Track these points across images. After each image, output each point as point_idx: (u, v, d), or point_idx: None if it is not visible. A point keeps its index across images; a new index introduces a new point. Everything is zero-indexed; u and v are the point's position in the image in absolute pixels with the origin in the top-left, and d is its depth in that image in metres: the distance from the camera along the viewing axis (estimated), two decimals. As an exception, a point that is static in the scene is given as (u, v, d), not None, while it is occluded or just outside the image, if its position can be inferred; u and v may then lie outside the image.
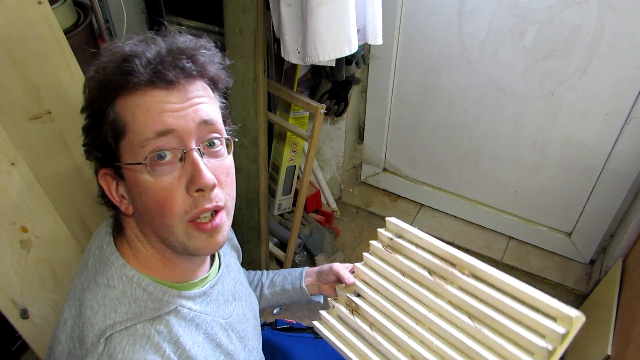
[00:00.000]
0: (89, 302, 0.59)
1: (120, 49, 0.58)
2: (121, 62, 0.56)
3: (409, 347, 0.75)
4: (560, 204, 1.66)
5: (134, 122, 0.56)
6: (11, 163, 0.90)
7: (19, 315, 0.99)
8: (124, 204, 0.61)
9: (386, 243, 0.87)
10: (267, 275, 0.97)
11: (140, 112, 0.56)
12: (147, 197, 0.57)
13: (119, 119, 0.57)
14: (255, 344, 0.79)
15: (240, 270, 0.84)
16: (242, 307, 0.77)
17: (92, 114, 0.59)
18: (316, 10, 1.02)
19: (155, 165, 0.56)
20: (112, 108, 0.57)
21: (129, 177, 0.58)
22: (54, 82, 0.93)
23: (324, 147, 1.93)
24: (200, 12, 1.62)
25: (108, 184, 0.61)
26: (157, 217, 0.58)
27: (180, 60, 0.57)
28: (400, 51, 1.64)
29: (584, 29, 1.31)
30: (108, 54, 0.58)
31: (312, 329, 1.09)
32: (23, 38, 0.86)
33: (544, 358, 0.63)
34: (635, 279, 1.27)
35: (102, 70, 0.58)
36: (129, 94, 0.56)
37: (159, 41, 0.59)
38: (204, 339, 0.64)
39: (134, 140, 0.56)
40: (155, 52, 0.57)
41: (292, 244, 1.60)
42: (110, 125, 0.57)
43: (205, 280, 0.70)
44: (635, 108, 1.35)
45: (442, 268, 0.77)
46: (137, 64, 0.55)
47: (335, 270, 0.88)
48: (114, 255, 0.62)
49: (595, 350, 1.22)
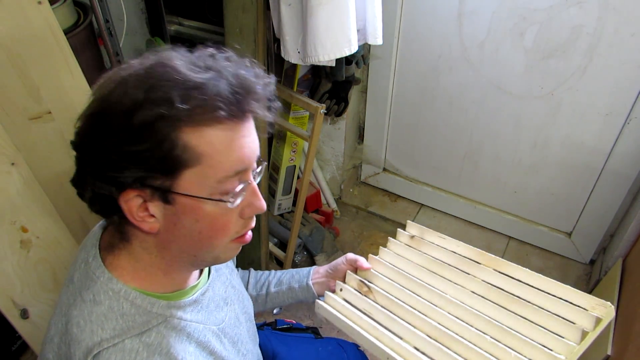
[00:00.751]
0: (75, 318, 0.57)
1: (189, 78, 0.53)
2: (201, 92, 0.52)
3: (426, 325, 0.73)
4: (560, 204, 1.66)
5: (214, 157, 0.54)
6: (11, 163, 0.90)
7: (19, 315, 0.99)
8: (149, 222, 0.57)
9: (406, 242, 0.88)
10: (274, 274, 0.97)
11: (222, 147, 0.54)
12: (204, 224, 0.57)
13: (190, 148, 0.53)
14: (250, 346, 0.79)
15: (232, 271, 0.83)
16: (235, 310, 0.76)
17: (150, 138, 0.52)
18: (316, 10, 1.02)
19: (223, 200, 0.57)
20: (180, 135, 0.52)
21: (184, 204, 0.56)
22: (54, 82, 0.93)
23: (324, 147, 1.93)
24: (200, 12, 1.62)
25: (132, 204, 0.55)
26: (205, 240, 0.59)
27: (256, 94, 0.57)
28: (400, 51, 1.64)
29: (584, 29, 1.31)
30: (172, 83, 0.52)
31: (312, 329, 1.08)
32: (23, 38, 0.86)
33: (576, 339, 0.65)
34: (635, 279, 1.27)
35: (169, 102, 0.52)
36: (210, 126, 0.53)
37: (224, 71, 0.56)
38: (195, 348, 0.63)
39: (209, 174, 0.54)
40: (229, 84, 0.54)
41: (292, 244, 1.60)
42: (174, 152, 0.53)
43: (195, 288, 0.69)
44: (635, 108, 1.35)
45: (466, 262, 0.78)
46: (223, 96, 0.53)
47: (350, 257, 0.88)
48: (100, 269, 0.60)
49: (595, 350, 1.22)
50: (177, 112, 0.51)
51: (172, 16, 1.67)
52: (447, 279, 0.79)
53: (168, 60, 0.55)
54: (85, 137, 0.56)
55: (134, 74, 0.54)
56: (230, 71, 0.56)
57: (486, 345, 0.68)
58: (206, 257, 0.62)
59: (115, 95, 0.53)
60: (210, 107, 0.52)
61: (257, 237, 1.54)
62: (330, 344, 1.03)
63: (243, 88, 0.55)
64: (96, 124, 0.55)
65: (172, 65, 0.54)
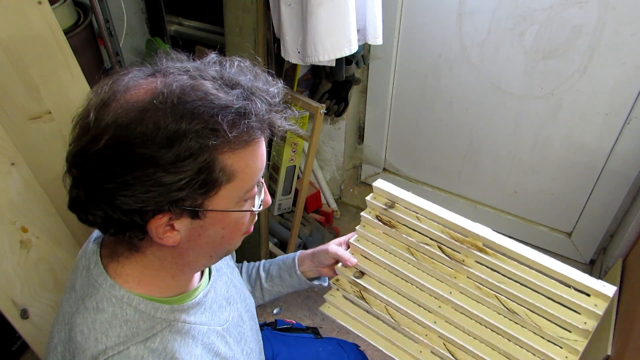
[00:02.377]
0: (79, 326, 0.57)
1: (227, 103, 0.52)
2: (243, 116, 0.52)
3: (435, 330, 0.73)
4: (560, 204, 1.66)
5: (245, 171, 0.56)
6: (11, 163, 0.91)
7: (19, 315, 0.99)
8: (171, 237, 0.56)
9: (379, 213, 0.81)
10: (263, 266, 0.96)
11: (252, 161, 0.56)
12: (228, 230, 0.60)
13: (226, 167, 0.53)
14: (254, 345, 0.79)
15: (233, 270, 0.83)
16: (238, 309, 0.76)
17: (192, 168, 0.51)
18: (316, 10, 1.02)
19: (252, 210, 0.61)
20: (220, 158, 0.53)
21: (214, 217, 0.57)
22: (54, 82, 0.93)
23: (324, 147, 1.93)
24: (200, 12, 1.62)
25: (161, 226, 0.55)
26: (225, 242, 0.61)
27: (276, 106, 0.58)
28: (400, 51, 1.64)
29: (584, 29, 1.31)
30: (215, 109, 0.51)
31: (312, 329, 1.08)
32: (23, 38, 0.86)
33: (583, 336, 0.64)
34: (635, 279, 1.27)
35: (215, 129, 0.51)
36: (247, 146, 0.55)
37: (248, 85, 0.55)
38: (201, 351, 0.63)
39: (239, 187, 0.56)
40: (262, 102, 0.55)
41: (292, 244, 1.60)
42: (212, 176, 0.53)
43: (197, 290, 0.69)
44: (635, 108, 1.35)
45: (453, 243, 0.74)
46: (260, 115, 0.54)
47: (333, 252, 0.87)
48: (102, 276, 0.60)
49: (595, 350, 1.22)
50: (224, 141, 0.52)
51: (172, 16, 1.67)
52: (440, 263, 0.76)
53: (192, 84, 0.52)
54: (104, 169, 0.51)
55: (157, 99, 0.50)
56: (255, 85, 0.56)
57: (499, 348, 0.68)
58: (221, 255, 0.65)
59: (145, 125, 0.49)
60: (250, 132, 0.53)
61: (257, 237, 1.54)
62: (330, 344, 1.03)
63: (269, 104, 0.56)
64: (119, 155, 0.50)
65: (202, 88, 0.52)
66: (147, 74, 0.55)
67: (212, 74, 0.55)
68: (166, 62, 0.57)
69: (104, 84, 0.55)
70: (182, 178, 0.51)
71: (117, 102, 0.52)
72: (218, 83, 0.54)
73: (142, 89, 0.52)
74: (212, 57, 0.59)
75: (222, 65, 0.57)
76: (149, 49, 1.57)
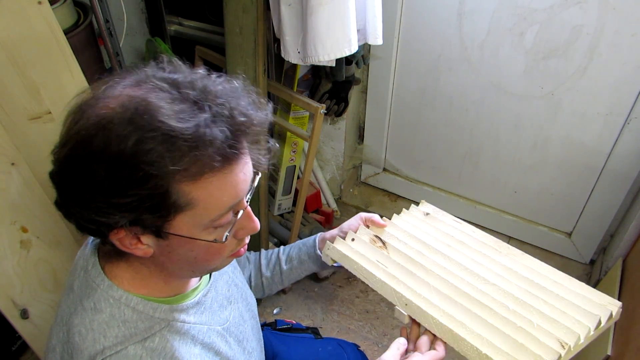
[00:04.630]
0: (77, 327, 0.57)
1: (177, 130, 0.48)
2: (194, 148, 0.49)
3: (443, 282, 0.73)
4: (560, 204, 1.66)
5: (207, 200, 0.52)
6: (11, 163, 0.91)
7: (19, 315, 0.99)
8: (141, 249, 0.56)
9: (420, 218, 0.86)
10: (283, 250, 0.96)
11: (216, 189, 0.52)
12: (199, 252, 0.58)
13: (184, 195, 0.51)
14: (255, 344, 0.79)
15: (235, 269, 0.83)
16: (239, 309, 0.76)
17: (142, 192, 0.49)
18: (316, 10, 1.02)
19: (216, 241, 0.57)
20: (174, 186, 0.50)
21: (178, 240, 0.55)
22: (54, 82, 0.93)
23: (324, 147, 1.93)
24: (200, 12, 1.62)
25: (124, 238, 0.54)
26: (201, 262, 0.59)
27: (250, 129, 0.54)
28: (400, 51, 1.64)
29: (584, 29, 1.31)
30: (160, 137, 0.48)
31: (312, 329, 1.08)
32: (23, 38, 0.86)
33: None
34: (635, 279, 1.27)
35: (159, 159, 0.48)
36: (205, 175, 0.51)
37: (217, 107, 0.51)
38: (201, 350, 0.63)
39: (203, 215, 0.53)
40: (223, 128, 0.50)
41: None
42: (167, 201, 0.51)
43: (196, 290, 0.69)
44: (635, 108, 1.35)
45: (484, 245, 0.78)
46: (217, 145, 0.49)
47: (365, 215, 0.87)
48: (100, 277, 0.60)
49: (595, 350, 1.22)
50: (170, 171, 0.49)
51: (172, 16, 1.67)
52: (465, 254, 0.78)
53: (150, 104, 0.49)
54: (66, 179, 0.52)
55: (116, 118, 0.48)
56: (226, 106, 0.52)
57: (504, 311, 0.68)
58: (204, 272, 0.64)
59: (97, 143, 0.48)
60: (204, 162, 0.50)
61: (257, 237, 1.54)
62: (330, 344, 1.02)
63: (239, 129, 0.52)
64: (78, 169, 0.50)
65: (157, 112, 0.48)
66: (130, 82, 0.53)
67: (175, 95, 0.51)
68: (153, 70, 0.54)
69: (96, 85, 0.54)
70: (131, 202, 0.49)
71: (89, 111, 0.51)
72: (188, 104, 0.50)
73: (113, 101, 0.50)
74: (202, 72, 0.56)
75: (209, 79, 0.54)
76: (149, 49, 1.57)
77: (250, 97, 0.56)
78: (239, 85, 0.56)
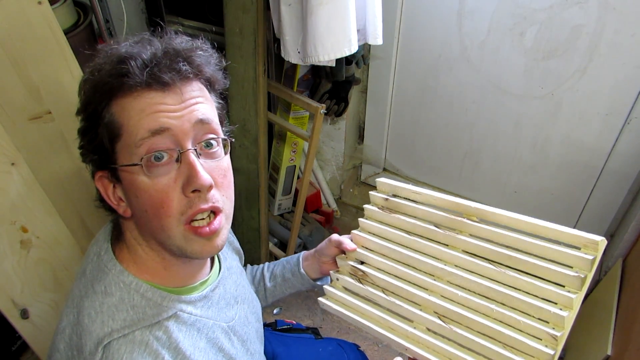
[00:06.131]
0: (87, 309, 0.58)
1: (116, 51, 0.57)
2: (117, 64, 0.56)
3: (430, 303, 0.72)
4: (560, 204, 1.66)
5: (129, 123, 0.56)
6: (11, 163, 0.91)
7: (19, 315, 0.99)
8: (122, 206, 0.61)
9: (381, 205, 0.84)
10: (267, 267, 0.96)
11: (135, 113, 0.56)
12: (144, 199, 0.57)
13: (114, 120, 0.56)
14: (258, 347, 0.79)
15: (242, 273, 0.84)
16: (245, 310, 0.77)
17: (87, 117, 0.59)
18: (316, 10, 1.02)
19: (151, 167, 0.56)
20: (107, 110, 0.57)
21: (126, 179, 0.58)
22: (54, 82, 0.93)
23: (324, 147, 1.93)
24: (200, 12, 1.62)
25: (105, 186, 0.61)
26: (154, 219, 0.58)
27: (176, 62, 0.57)
28: (400, 51, 1.64)
29: (584, 29, 1.31)
30: (103, 55, 0.58)
31: (312, 330, 1.08)
32: (23, 38, 0.86)
33: (577, 287, 0.63)
34: (635, 279, 1.27)
35: (97, 72, 0.57)
36: (124, 96, 0.56)
37: (155, 42, 0.59)
38: (205, 344, 0.64)
39: (129, 141, 0.56)
40: (151, 54, 0.57)
41: (292, 244, 1.60)
42: (105, 128, 0.57)
43: (205, 283, 0.69)
44: (635, 108, 1.35)
45: (449, 219, 0.75)
46: (133, 65, 0.55)
47: (335, 239, 0.85)
48: (112, 262, 0.62)
49: (595, 350, 1.22)
50: (103, 87, 0.56)
51: (172, 16, 1.67)
52: (435, 241, 0.76)
53: (119, 40, 0.60)
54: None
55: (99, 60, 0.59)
56: (163, 43, 0.59)
57: (494, 314, 0.67)
58: (171, 246, 0.60)
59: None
60: (128, 77, 0.55)
61: (257, 237, 1.54)
62: (331, 344, 1.03)
63: (167, 56, 0.57)
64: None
65: (115, 45, 0.59)
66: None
67: (144, 37, 0.61)
68: (157, 33, 0.63)
69: None
70: (91, 125, 0.58)
71: None
72: (138, 42, 0.59)
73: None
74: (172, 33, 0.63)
75: (180, 37, 0.62)
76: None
77: (206, 51, 0.63)
78: (200, 44, 0.63)
